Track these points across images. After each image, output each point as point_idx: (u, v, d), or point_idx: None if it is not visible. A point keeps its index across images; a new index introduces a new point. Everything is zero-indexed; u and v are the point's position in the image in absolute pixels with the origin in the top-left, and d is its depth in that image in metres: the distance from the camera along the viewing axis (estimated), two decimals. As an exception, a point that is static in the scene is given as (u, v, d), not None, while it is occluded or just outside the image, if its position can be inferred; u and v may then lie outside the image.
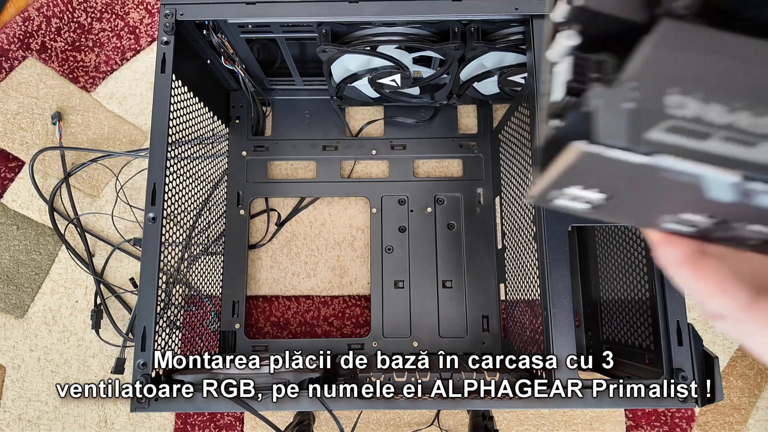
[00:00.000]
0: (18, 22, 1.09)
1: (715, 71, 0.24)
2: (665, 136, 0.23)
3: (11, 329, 1.02)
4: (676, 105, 0.23)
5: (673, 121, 0.23)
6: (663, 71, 0.24)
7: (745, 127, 0.23)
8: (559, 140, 0.24)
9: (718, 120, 0.23)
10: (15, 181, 1.06)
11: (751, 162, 0.23)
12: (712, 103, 0.23)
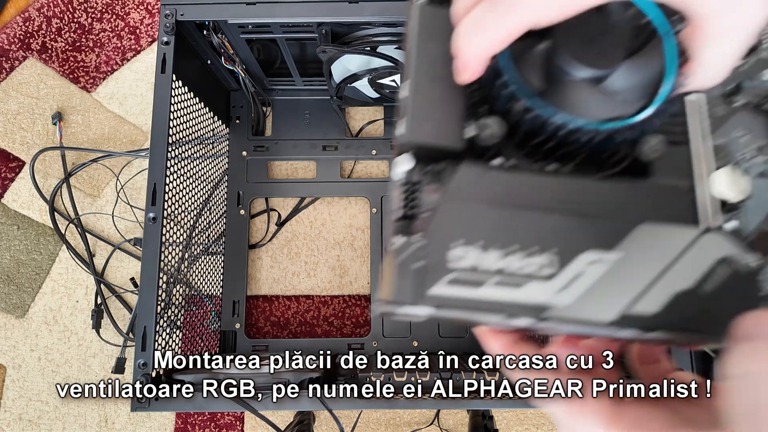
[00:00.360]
0: (18, 23, 1.09)
1: (493, 220, 0.27)
2: (446, 290, 0.26)
3: (12, 329, 1.03)
4: (458, 257, 0.27)
5: (454, 273, 0.27)
6: (448, 226, 0.27)
7: (515, 269, 0.27)
8: None
9: (493, 266, 0.27)
10: (16, 181, 1.06)
11: (519, 303, 0.26)
12: (490, 250, 0.27)
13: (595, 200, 0.29)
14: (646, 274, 0.28)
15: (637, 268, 0.28)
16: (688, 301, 0.28)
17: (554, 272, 0.27)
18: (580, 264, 0.27)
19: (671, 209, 0.30)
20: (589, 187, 0.30)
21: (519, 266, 0.27)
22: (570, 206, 0.29)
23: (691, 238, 0.29)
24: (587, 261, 0.27)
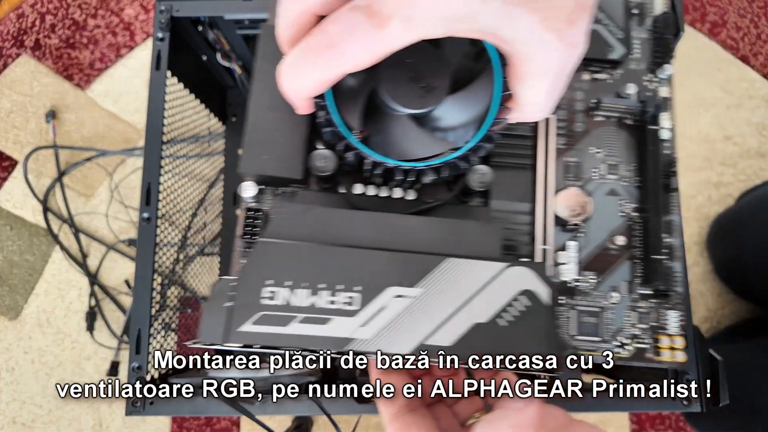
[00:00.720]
0: (12, 19, 1.07)
1: (305, 258, 0.30)
2: (254, 327, 0.29)
3: (5, 331, 1.01)
4: (269, 296, 0.29)
5: (263, 312, 0.29)
6: (260, 268, 0.29)
7: (322, 306, 0.29)
8: None
9: (300, 304, 0.29)
10: (8, 181, 1.05)
11: (323, 337, 0.29)
12: (298, 289, 0.29)
13: (405, 236, 0.31)
14: (446, 308, 0.30)
15: (437, 303, 0.30)
16: (484, 332, 0.30)
17: (358, 309, 0.29)
18: (384, 299, 0.29)
19: (479, 244, 0.32)
20: (402, 223, 0.32)
21: (325, 303, 0.29)
22: (380, 242, 0.31)
23: (494, 272, 0.30)
24: (391, 296, 0.29)
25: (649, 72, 0.45)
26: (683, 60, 1.05)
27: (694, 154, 1.02)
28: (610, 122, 0.43)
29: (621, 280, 0.41)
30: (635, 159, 0.42)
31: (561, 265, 0.40)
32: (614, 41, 0.43)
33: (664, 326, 0.41)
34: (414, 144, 0.32)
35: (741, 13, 1.06)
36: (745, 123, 1.02)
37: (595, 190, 0.41)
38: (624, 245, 0.41)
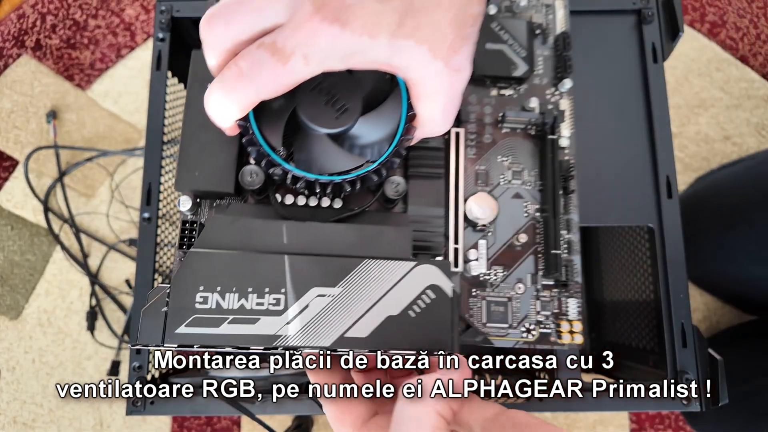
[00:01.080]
0: (12, 19, 1.07)
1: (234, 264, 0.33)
2: (189, 329, 0.31)
3: (5, 331, 1.01)
4: (201, 300, 0.32)
5: (196, 315, 0.31)
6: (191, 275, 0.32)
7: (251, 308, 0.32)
8: None
9: (231, 306, 0.32)
10: (9, 181, 1.05)
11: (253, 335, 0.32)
12: (228, 293, 0.32)
13: (326, 241, 0.35)
14: (362, 305, 0.33)
15: (355, 300, 0.33)
16: (396, 323, 0.33)
17: (283, 308, 0.32)
18: (307, 299, 0.33)
19: (392, 246, 0.36)
20: (323, 230, 0.35)
21: (254, 305, 0.32)
22: (303, 248, 0.34)
23: (405, 271, 0.34)
24: (314, 296, 0.33)
25: (551, 86, 0.50)
26: (682, 60, 1.05)
27: (694, 154, 1.02)
28: (516, 133, 0.48)
29: (526, 273, 0.46)
30: (537, 165, 0.48)
31: (472, 261, 0.45)
32: (518, 60, 0.48)
33: (565, 312, 0.46)
34: (331, 160, 0.37)
35: (740, 14, 1.06)
36: (745, 123, 1.02)
37: (501, 194, 0.47)
38: (527, 242, 0.46)
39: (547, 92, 0.49)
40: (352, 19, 0.28)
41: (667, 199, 0.56)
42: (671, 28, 0.60)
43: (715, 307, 0.99)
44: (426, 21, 0.29)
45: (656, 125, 0.58)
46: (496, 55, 0.47)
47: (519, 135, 0.48)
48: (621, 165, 0.58)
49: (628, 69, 0.60)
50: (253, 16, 0.29)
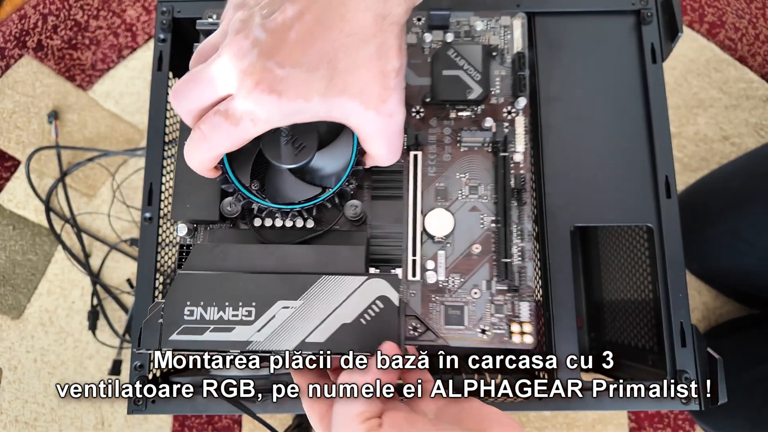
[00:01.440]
0: (14, 20, 1.08)
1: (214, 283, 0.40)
2: (179, 337, 0.38)
3: (7, 330, 1.02)
4: (188, 313, 0.39)
5: (184, 325, 0.39)
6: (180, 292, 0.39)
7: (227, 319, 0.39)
8: None
9: (211, 318, 0.39)
10: (11, 181, 1.05)
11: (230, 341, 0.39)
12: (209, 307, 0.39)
13: (290, 261, 0.42)
14: (321, 314, 0.39)
15: (315, 310, 0.39)
16: (349, 329, 0.39)
17: (253, 319, 0.39)
18: (274, 310, 0.39)
19: (348, 263, 0.42)
20: (286, 251, 0.42)
21: (230, 316, 0.39)
22: (271, 267, 0.41)
23: (358, 284, 0.40)
24: (279, 307, 0.39)
25: (508, 104, 0.54)
26: (681, 60, 1.05)
27: (692, 154, 1.02)
28: (473, 151, 0.52)
29: (482, 279, 0.50)
30: (492, 180, 0.52)
31: (429, 271, 0.49)
32: (474, 84, 0.52)
33: (517, 315, 0.50)
34: (294, 190, 0.44)
35: (739, 14, 1.06)
36: (743, 123, 1.02)
37: (459, 208, 0.51)
38: (482, 251, 0.50)
39: (504, 110, 0.54)
40: (286, 89, 0.33)
41: (666, 198, 0.57)
42: (670, 28, 0.60)
43: (714, 307, 1.00)
44: (351, 80, 0.35)
45: (655, 125, 0.58)
46: (452, 81, 0.51)
47: (476, 152, 0.52)
48: (620, 165, 0.58)
49: (627, 69, 0.60)
50: (207, 90, 0.35)
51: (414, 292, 0.50)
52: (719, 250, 0.86)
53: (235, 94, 0.34)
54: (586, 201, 0.57)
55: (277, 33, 0.34)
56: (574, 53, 0.60)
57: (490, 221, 0.51)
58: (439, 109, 0.53)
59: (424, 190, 0.51)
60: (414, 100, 0.53)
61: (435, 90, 0.52)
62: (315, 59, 0.34)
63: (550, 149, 0.59)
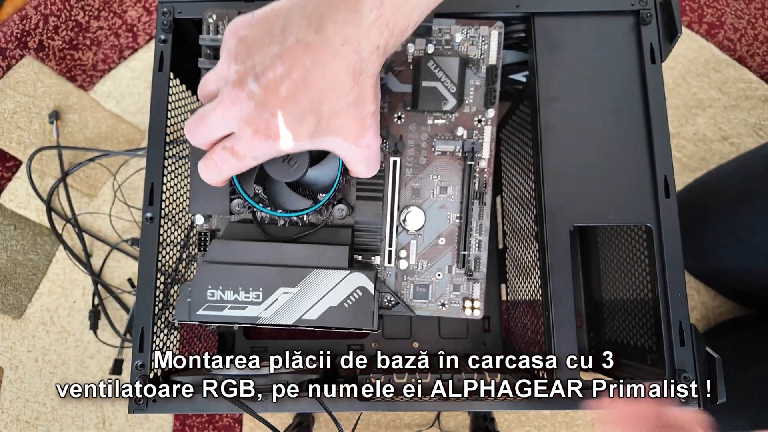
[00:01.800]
0: (15, 21, 1.08)
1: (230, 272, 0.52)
2: (204, 312, 0.51)
3: (9, 330, 1.02)
4: (211, 294, 0.51)
5: (208, 303, 0.51)
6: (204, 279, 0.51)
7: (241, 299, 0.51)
8: None
9: (228, 299, 0.51)
10: (12, 181, 1.06)
11: (243, 316, 0.51)
12: (227, 290, 0.51)
13: (289, 256, 0.53)
14: (313, 298, 0.51)
15: (308, 295, 0.51)
16: (335, 310, 0.52)
17: (261, 300, 0.51)
18: (277, 294, 0.51)
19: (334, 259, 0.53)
20: (286, 248, 0.53)
21: (243, 298, 0.51)
22: (274, 260, 0.53)
23: (342, 276, 0.52)
24: (281, 292, 0.51)
25: (479, 113, 0.59)
26: (680, 61, 1.05)
27: (691, 154, 1.02)
28: (446, 156, 0.59)
29: (445, 265, 0.60)
30: (460, 182, 0.59)
31: (402, 259, 0.59)
32: (449, 96, 0.58)
33: (470, 294, 0.60)
34: (289, 200, 0.53)
35: (738, 15, 1.06)
36: (742, 124, 1.03)
37: (430, 206, 0.59)
38: (447, 242, 0.60)
39: (475, 119, 0.59)
40: (279, 135, 0.41)
41: (665, 198, 0.57)
42: (669, 29, 0.60)
43: (712, 306, 1.00)
44: (334, 123, 0.42)
45: (654, 125, 0.58)
46: (430, 92, 0.57)
47: (448, 157, 0.60)
48: (619, 165, 0.58)
49: (626, 69, 0.60)
50: (213, 129, 0.43)
51: (390, 273, 0.60)
52: (718, 250, 0.86)
53: (237, 137, 0.42)
54: (586, 201, 0.58)
55: (270, 88, 0.40)
56: (574, 53, 0.60)
57: (455, 217, 0.60)
58: (418, 116, 0.59)
59: (401, 189, 0.59)
60: (396, 107, 0.59)
61: (415, 100, 0.58)
62: (303, 109, 0.41)
63: (549, 149, 0.59)
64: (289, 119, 0.41)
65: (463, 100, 0.59)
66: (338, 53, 0.40)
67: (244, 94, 0.41)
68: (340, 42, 0.40)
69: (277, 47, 0.40)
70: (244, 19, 0.42)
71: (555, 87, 0.60)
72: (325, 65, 0.40)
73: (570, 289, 0.57)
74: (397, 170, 0.59)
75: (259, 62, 0.40)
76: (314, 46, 0.40)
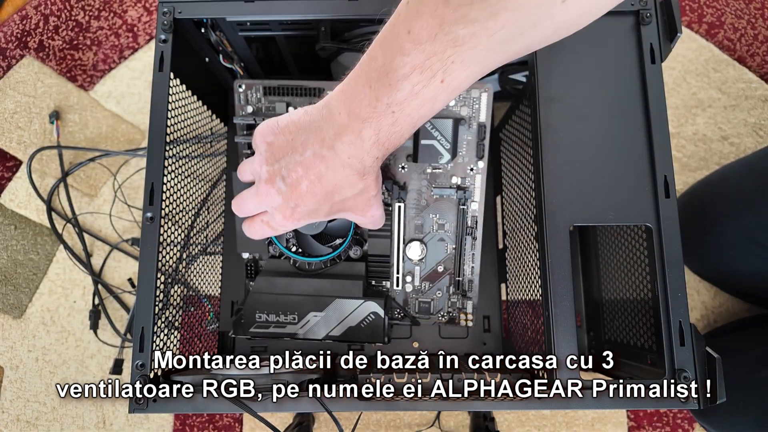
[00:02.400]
0: (15, 21, 1.08)
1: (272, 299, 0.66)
2: (255, 329, 0.65)
3: (9, 330, 1.02)
4: (259, 316, 0.65)
5: (257, 323, 0.65)
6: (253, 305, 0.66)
7: (282, 320, 0.65)
8: None
9: (272, 320, 0.65)
10: (13, 181, 1.06)
11: (285, 333, 0.65)
12: (271, 313, 0.65)
13: (316, 288, 0.67)
14: (337, 320, 0.66)
15: (332, 318, 0.66)
16: (354, 329, 0.65)
17: (297, 321, 0.65)
18: (308, 317, 0.66)
19: (351, 290, 0.68)
20: (314, 282, 0.68)
21: (282, 320, 0.66)
22: (305, 291, 0.67)
23: (358, 304, 0.66)
24: (311, 315, 0.66)
25: (471, 164, 0.68)
26: (680, 61, 1.06)
27: (691, 154, 1.02)
28: (443, 199, 0.70)
29: (443, 286, 0.72)
30: (455, 220, 0.70)
31: (407, 284, 0.72)
32: (444, 151, 0.66)
33: (465, 309, 0.72)
34: (314, 248, 0.68)
35: (738, 15, 1.06)
36: (742, 123, 1.03)
37: (431, 239, 0.71)
38: (444, 268, 0.72)
39: (468, 168, 0.68)
40: (303, 216, 0.54)
41: (665, 198, 0.57)
42: (669, 29, 0.60)
43: (712, 306, 1.00)
44: (345, 205, 0.54)
45: (654, 125, 0.58)
46: (428, 149, 0.66)
47: (445, 200, 0.70)
48: (619, 165, 0.58)
49: (626, 70, 0.60)
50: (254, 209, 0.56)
51: (398, 293, 0.73)
52: (729, 251, 0.86)
53: (271, 216, 0.55)
54: (585, 201, 0.58)
55: (293, 186, 0.52)
56: (573, 54, 0.61)
57: (452, 248, 0.71)
58: (419, 167, 0.69)
59: (406, 225, 0.71)
60: (400, 159, 0.70)
61: (415, 154, 0.67)
62: (319, 200, 0.52)
63: (549, 149, 0.59)
64: (308, 207, 0.53)
65: (457, 153, 0.69)
66: (346, 164, 0.50)
67: (273, 190, 0.53)
68: (347, 156, 0.49)
69: (298, 156, 0.51)
70: (270, 127, 0.54)
71: (555, 87, 0.60)
72: (335, 171, 0.50)
73: (570, 289, 0.57)
74: (402, 213, 0.71)
75: (284, 166, 0.52)
76: (327, 158, 0.50)
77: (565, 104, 0.60)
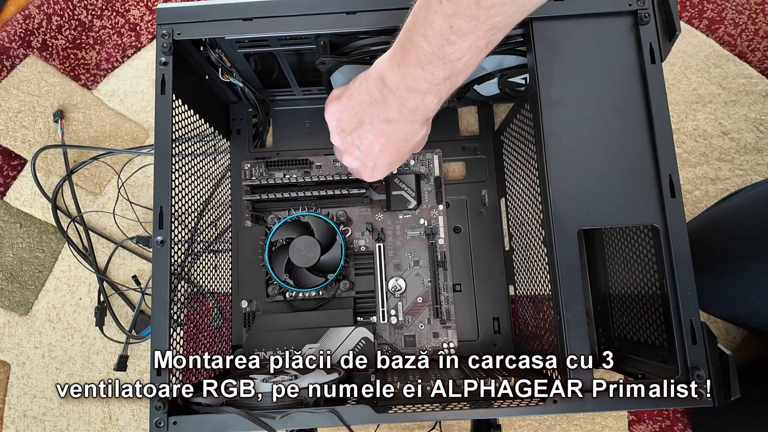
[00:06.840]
0: (18, 20, 1.08)
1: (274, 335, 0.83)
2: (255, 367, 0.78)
3: (15, 327, 1.03)
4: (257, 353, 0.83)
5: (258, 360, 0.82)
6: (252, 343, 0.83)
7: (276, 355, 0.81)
8: None
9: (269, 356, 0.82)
10: (17, 180, 1.06)
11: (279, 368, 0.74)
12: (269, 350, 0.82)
13: (310, 320, 0.82)
14: (331, 347, 0.78)
15: (326, 346, 0.78)
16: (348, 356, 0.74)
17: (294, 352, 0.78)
18: (305, 348, 0.79)
19: (343, 319, 0.82)
20: (309, 316, 0.83)
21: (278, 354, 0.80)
22: (302, 325, 0.82)
23: (350, 331, 0.80)
24: (307, 347, 0.79)
25: (433, 209, 0.92)
26: (680, 56, 1.06)
27: (691, 149, 1.03)
28: (415, 238, 0.91)
29: (425, 318, 0.87)
30: (427, 256, 0.90)
31: (392, 316, 0.87)
32: (411, 199, 0.91)
33: (447, 338, 0.87)
34: (308, 279, 0.81)
35: (738, 10, 1.06)
36: (743, 119, 1.03)
37: (409, 275, 0.89)
38: (423, 301, 0.88)
39: (431, 212, 0.92)
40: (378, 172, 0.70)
41: (671, 198, 0.57)
42: (668, 28, 0.60)
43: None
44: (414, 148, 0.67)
45: (656, 125, 0.58)
46: (398, 198, 0.90)
47: (416, 239, 0.91)
48: (623, 166, 0.59)
49: (626, 70, 0.60)
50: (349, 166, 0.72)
51: (384, 328, 0.87)
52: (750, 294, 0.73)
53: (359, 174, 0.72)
54: (592, 204, 0.58)
55: (367, 151, 0.64)
56: (573, 57, 0.61)
57: (427, 281, 0.89)
58: (392, 214, 0.92)
59: (386, 264, 0.89)
60: (377, 209, 0.92)
61: (388, 203, 0.91)
62: (392, 153, 0.64)
63: (553, 154, 0.59)
64: (385, 162, 0.67)
65: (422, 200, 0.92)
66: (412, 120, 0.59)
67: (351, 158, 0.68)
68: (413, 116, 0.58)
69: (367, 126, 0.62)
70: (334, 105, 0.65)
71: (556, 91, 0.60)
72: (402, 129, 0.60)
73: (580, 292, 0.57)
74: (382, 252, 0.88)
75: (357, 136, 0.64)
76: (393, 121, 0.59)
77: (566, 108, 0.60)
